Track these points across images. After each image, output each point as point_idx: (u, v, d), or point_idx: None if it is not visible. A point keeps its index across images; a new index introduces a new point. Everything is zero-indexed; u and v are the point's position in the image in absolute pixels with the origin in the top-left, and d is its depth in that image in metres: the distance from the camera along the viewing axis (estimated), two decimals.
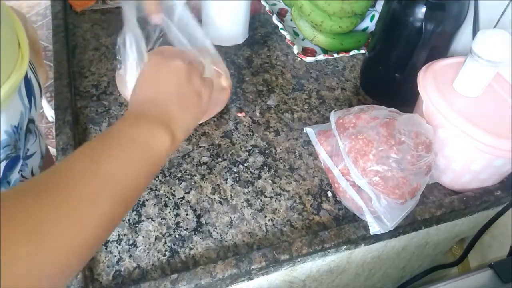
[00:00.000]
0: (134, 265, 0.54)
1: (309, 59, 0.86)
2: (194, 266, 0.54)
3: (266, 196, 0.63)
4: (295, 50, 0.86)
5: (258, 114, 0.75)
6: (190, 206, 0.61)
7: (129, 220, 0.59)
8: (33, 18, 2.43)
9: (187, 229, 0.59)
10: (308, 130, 0.69)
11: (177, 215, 0.60)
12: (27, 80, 0.61)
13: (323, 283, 0.70)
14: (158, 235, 0.58)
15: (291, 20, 0.95)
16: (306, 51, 0.91)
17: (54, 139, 0.94)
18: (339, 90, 0.82)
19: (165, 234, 0.58)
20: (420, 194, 0.60)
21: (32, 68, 0.65)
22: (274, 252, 0.55)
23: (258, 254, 0.54)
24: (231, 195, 0.63)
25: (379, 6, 0.88)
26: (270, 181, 0.65)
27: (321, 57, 0.86)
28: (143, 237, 0.57)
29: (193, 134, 0.70)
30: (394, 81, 0.76)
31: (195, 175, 0.65)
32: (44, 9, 2.50)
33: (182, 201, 0.62)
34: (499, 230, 0.74)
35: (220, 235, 0.58)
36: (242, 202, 0.62)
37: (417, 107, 0.68)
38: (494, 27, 0.68)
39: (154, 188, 0.63)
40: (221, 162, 0.67)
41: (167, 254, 0.56)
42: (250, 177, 0.66)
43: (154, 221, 0.59)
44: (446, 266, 0.76)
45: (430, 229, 0.66)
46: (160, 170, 0.63)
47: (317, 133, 0.67)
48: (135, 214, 0.59)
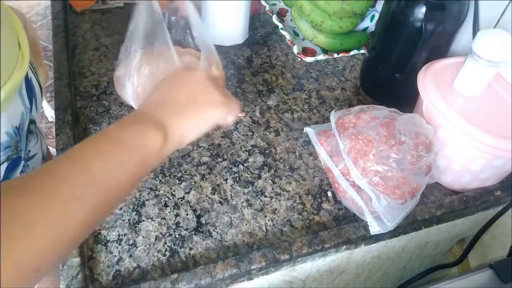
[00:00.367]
0: (134, 265, 0.54)
1: (309, 59, 0.86)
2: (194, 266, 0.54)
3: (266, 196, 0.63)
4: (295, 50, 0.86)
5: (258, 114, 0.75)
6: (190, 206, 0.61)
7: (129, 220, 0.59)
8: (33, 18, 2.43)
9: (187, 229, 0.59)
10: (308, 130, 0.69)
11: (177, 215, 0.60)
12: (28, 80, 0.61)
13: (323, 283, 0.69)
14: (158, 235, 0.58)
15: (291, 20, 0.95)
16: (306, 51, 0.91)
17: (54, 139, 0.94)
18: (339, 90, 0.82)
19: (165, 234, 0.58)
20: (420, 194, 0.60)
21: (32, 68, 0.65)
22: (274, 252, 0.55)
23: (258, 254, 0.54)
24: (231, 195, 0.63)
25: (379, 6, 0.88)
26: (270, 181, 0.65)
27: (321, 57, 0.86)
28: (143, 237, 0.57)
29: None
30: (394, 81, 0.76)
31: (195, 175, 0.65)
32: (44, 9, 2.50)
33: (182, 201, 0.62)
34: (499, 230, 0.74)
35: (220, 235, 0.58)
36: (242, 202, 0.62)
37: (417, 107, 0.68)
38: (494, 27, 0.68)
39: (154, 188, 0.63)
40: (221, 162, 0.67)
41: (167, 254, 0.56)
42: (250, 177, 0.66)
43: (154, 221, 0.59)
44: (446, 266, 0.76)
45: (430, 229, 0.66)
46: (153, 169, 0.62)
47: (317, 133, 0.67)
48: (135, 214, 0.59)
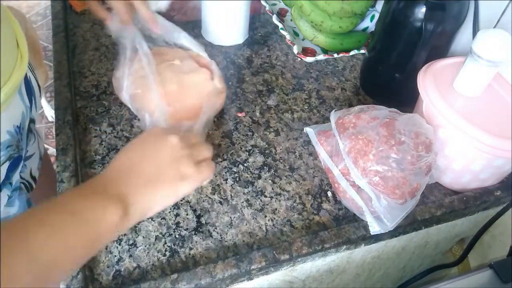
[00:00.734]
0: (134, 265, 0.54)
1: (309, 59, 0.86)
2: (194, 266, 0.54)
3: (266, 196, 0.63)
4: (295, 50, 0.86)
5: (258, 114, 0.75)
6: (190, 206, 0.61)
7: None
8: (33, 18, 2.43)
9: (187, 229, 0.59)
10: (308, 130, 0.69)
11: (177, 215, 0.60)
12: (27, 80, 0.62)
13: (323, 283, 0.70)
14: (158, 235, 0.58)
15: (291, 20, 0.95)
16: (306, 51, 0.91)
17: (54, 139, 0.93)
18: (339, 90, 0.82)
19: (165, 234, 0.58)
20: (420, 194, 0.60)
21: (30, 68, 0.65)
22: (274, 252, 0.55)
23: (258, 254, 0.54)
24: (231, 195, 0.63)
25: (379, 6, 0.88)
26: (270, 181, 0.65)
27: (321, 57, 0.86)
28: (143, 237, 0.57)
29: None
30: (394, 81, 0.76)
31: None
32: (44, 9, 2.50)
33: (182, 201, 0.62)
34: (499, 230, 0.74)
35: (220, 235, 0.58)
36: (242, 202, 0.62)
37: (417, 107, 0.68)
38: (494, 27, 0.68)
39: None
40: (221, 162, 0.67)
41: (167, 254, 0.56)
42: (250, 177, 0.66)
43: (154, 221, 0.59)
44: (446, 266, 0.76)
45: (430, 229, 0.66)
46: (105, 245, 0.55)
47: (317, 133, 0.67)
48: None
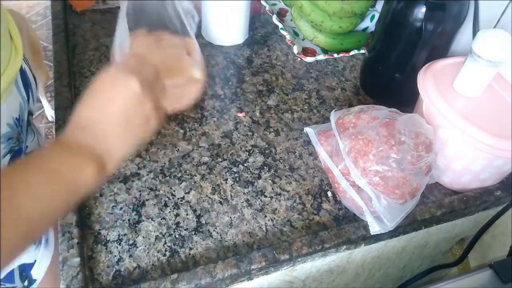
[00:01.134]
0: (134, 265, 0.54)
1: (309, 59, 0.86)
2: (194, 266, 0.54)
3: (266, 196, 0.63)
4: (295, 50, 0.86)
5: (258, 114, 0.75)
6: (190, 206, 0.61)
7: (129, 220, 0.59)
8: (33, 18, 2.43)
9: (187, 229, 0.59)
10: (308, 130, 0.69)
11: (177, 215, 0.60)
12: (23, 72, 0.63)
13: (323, 283, 0.69)
14: (158, 235, 0.58)
15: (291, 20, 0.95)
16: (306, 51, 0.91)
17: (54, 139, 0.94)
18: (339, 90, 0.82)
19: (165, 234, 0.58)
20: (420, 194, 0.60)
21: (25, 61, 0.67)
22: (274, 252, 0.55)
23: (258, 254, 0.54)
24: (231, 195, 0.63)
25: (379, 6, 0.88)
26: (270, 181, 0.65)
27: (321, 57, 0.86)
28: (143, 237, 0.57)
29: (193, 134, 0.70)
30: (394, 81, 0.76)
31: (195, 175, 0.65)
32: (44, 9, 2.50)
33: (182, 201, 0.62)
34: (499, 230, 0.74)
35: (220, 235, 0.58)
36: (242, 202, 0.62)
37: (417, 107, 0.68)
38: (494, 27, 0.68)
39: (154, 188, 0.63)
40: (221, 162, 0.67)
41: (167, 254, 0.56)
42: (250, 177, 0.66)
43: (154, 221, 0.59)
44: (446, 266, 0.76)
45: (430, 229, 0.66)
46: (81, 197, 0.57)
47: (317, 133, 0.67)
48: (135, 214, 0.59)
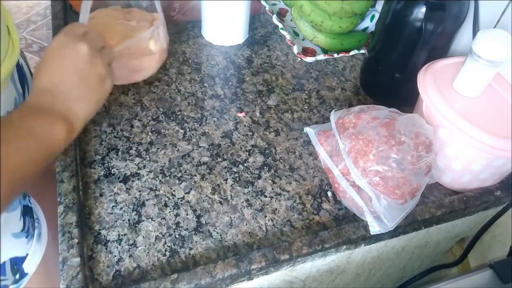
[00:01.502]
0: (134, 265, 0.54)
1: (309, 59, 0.86)
2: (194, 266, 0.54)
3: (266, 196, 0.63)
4: (295, 50, 0.86)
5: (258, 114, 0.75)
6: (190, 206, 0.61)
7: (129, 220, 0.59)
8: (33, 18, 2.43)
9: (187, 229, 0.59)
10: (308, 130, 0.69)
11: (177, 215, 0.60)
12: (19, 67, 0.63)
13: (323, 283, 0.69)
14: (158, 235, 0.58)
15: (291, 20, 0.95)
16: (306, 51, 0.91)
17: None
18: (339, 90, 0.82)
19: (165, 234, 0.58)
20: (420, 194, 0.60)
21: (22, 56, 0.67)
22: (274, 252, 0.55)
23: (258, 254, 0.54)
24: (231, 195, 0.63)
25: (379, 6, 0.88)
26: (270, 181, 0.65)
27: (321, 57, 0.86)
28: (143, 237, 0.57)
29: (193, 134, 0.70)
30: (394, 81, 0.76)
31: (195, 175, 0.65)
32: (44, 9, 2.50)
33: (182, 201, 0.62)
34: (499, 230, 0.74)
35: (220, 235, 0.58)
36: (242, 202, 0.62)
37: (417, 107, 0.68)
38: (494, 27, 0.68)
39: (154, 188, 0.63)
40: (221, 162, 0.67)
41: (167, 254, 0.56)
42: (250, 177, 0.66)
43: (154, 221, 0.59)
44: (446, 266, 0.76)
45: (430, 229, 0.66)
46: (56, 157, 0.58)
47: (317, 133, 0.67)
48: (135, 214, 0.59)
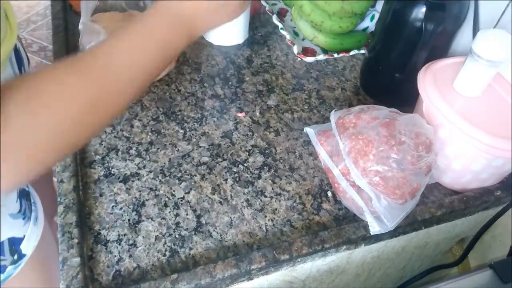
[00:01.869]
0: (134, 265, 0.54)
1: (309, 59, 0.86)
2: (194, 266, 0.54)
3: (266, 196, 0.63)
4: (295, 50, 0.86)
5: (258, 114, 0.75)
6: (190, 206, 0.61)
7: (129, 220, 0.59)
8: (33, 18, 2.43)
9: (187, 229, 0.59)
10: (308, 130, 0.69)
11: (177, 215, 0.60)
12: (17, 51, 0.64)
13: (323, 283, 0.69)
14: (158, 235, 0.58)
15: (291, 20, 0.95)
16: (306, 51, 0.91)
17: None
18: (339, 90, 0.82)
19: (165, 234, 0.58)
20: (420, 194, 0.60)
21: (20, 41, 0.68)
22: (274, 252, 0.55)
23: (258, 254, 0.54)
24: (231, 195, 0.63)
25: (379, 6, 0.88)
26: (270, 181, 0.65)
27: (321, 57, 0.86)
28: (143, 237, 0.57)
29: (193, 134, 0.70)
30: (394, 81, 0.76)
31: (195, 175, 0.65)
32: (44, 9, 2.50)
33: (182, 201, 0.62)
34: (499, 230, 0.74)
35: (220, 235, 0.58)
36: (242, 202, 0.62)
37: (417, 107, 0.68)
38: (494, 27, 0.68)
39: (154, 188, 0.63)
40: (221, 162, 0.67)
41: (167, 254, 0.56)
42: (250, 177, 0.66)
43: (154, 221, 0.59)
44: (446, 266, 0.76)
45: (430, 229, 0.66)
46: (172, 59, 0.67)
47: (317, 133, 0.67)
48: (135, 214, 0.59)
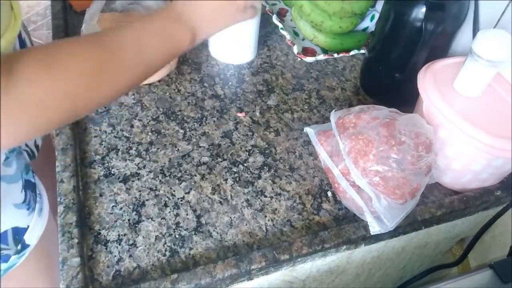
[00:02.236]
0: (134, 265, 0.54)
1: (309, 59, 0.86)
2: (194, 266, 0.54)
3: (266, 196, 0.63)
4: (295, 50, 0.86)
5: (258, 114, 0.75)
6: (190, 206, 0.61)
7: (129, 220, 0.59)
8: (33, 18, 2.43)
9: (187, 229, 0.59)
10: (308, 130, 0.69)
11: (177, 215, 0.60)
12: (22, 40, 0.64)
13: (323, 283, 0.69)
14: (158, 235, 0.58)
15: (291, 20, 0.95)
16: (306, 51, 0.91)
17: (54, 139, 0.94)
18: (339, 90, 0.82)
19: (165, 234, 0.58)
20: (420, 194, 0.60)
21: (25, 31, 0.70)
22: (274, 252, 0.55)
23: (258, 254, 0.54)
24: (231, 195, 0.63)
25: (379, 6, 0.88)
26: (270, 181, 0.65)
27: (321, 57, 0.86)
28: (143, 237, 0.57)
29: (193, 134, 0.70)
30: (394, 81, 0.76)
31: (195, 175, 0.65)
32: (44, 9, 2.50)
33: (182, 201, 0.62)
34: (499, 230, 0.74)
35: (220, 235, 0.58)
36: (242, 202, 0.62)
37: (417, 107, 0.68)
38: (494, 27, 0.68)
39: (154, 188, 0.63)
40: (221, 162, 0.67)
41: (167, 254, 0.56)
42: (250, 177, 0.66)
43: (154, 221, 0.59)
44: (446, 266, 0.76)
45: (430, 229, 0.66)
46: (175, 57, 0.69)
47: (317, 133, 0.67)
48: (135, 214, 0.59)
